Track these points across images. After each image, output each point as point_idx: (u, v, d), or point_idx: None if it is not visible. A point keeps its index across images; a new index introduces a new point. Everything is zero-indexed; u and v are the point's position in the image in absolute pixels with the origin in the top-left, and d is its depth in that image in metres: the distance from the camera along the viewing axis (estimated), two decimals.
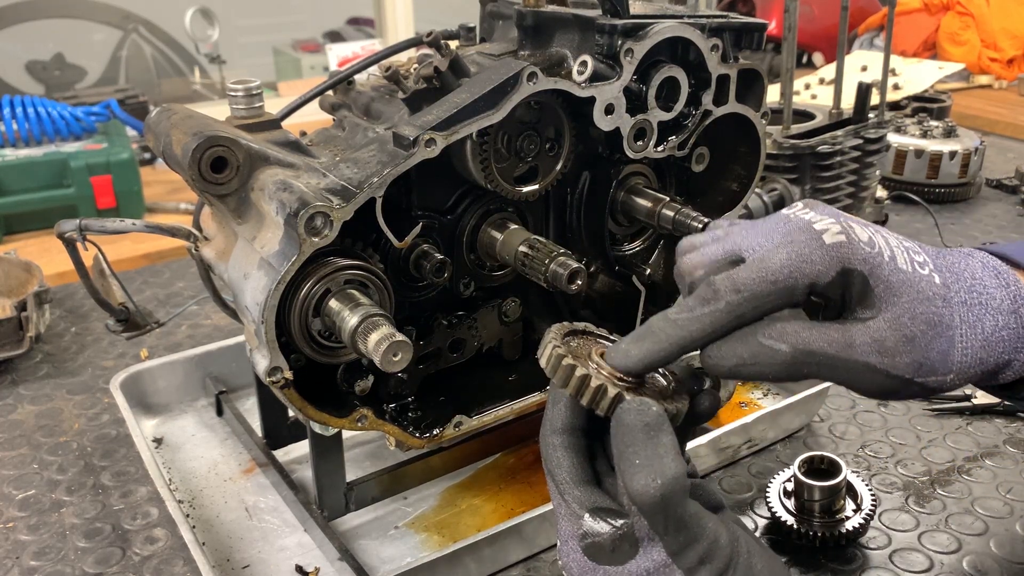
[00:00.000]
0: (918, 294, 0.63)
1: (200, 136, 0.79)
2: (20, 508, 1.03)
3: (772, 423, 1.08)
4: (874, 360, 0.62)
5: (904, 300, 0.62)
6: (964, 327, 0.64)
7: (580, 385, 0.62)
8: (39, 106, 1.90)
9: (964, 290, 0.65)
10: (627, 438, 0.59)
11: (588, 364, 0.64)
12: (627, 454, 0.59)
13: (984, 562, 0.90)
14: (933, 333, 0.63)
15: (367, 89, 1.01)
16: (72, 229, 0.91)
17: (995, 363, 0.66)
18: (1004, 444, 1.09)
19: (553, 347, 0.64)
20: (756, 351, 0.61)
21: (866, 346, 0.62)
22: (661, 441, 0.59)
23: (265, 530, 0.99)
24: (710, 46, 0.93)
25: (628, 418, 0.60)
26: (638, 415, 0.59)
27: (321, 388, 0.85)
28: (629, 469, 0.58)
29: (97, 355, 1.38)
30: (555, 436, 0.64)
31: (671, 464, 0.58)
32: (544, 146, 0.93)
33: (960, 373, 0.64)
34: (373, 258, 0.85)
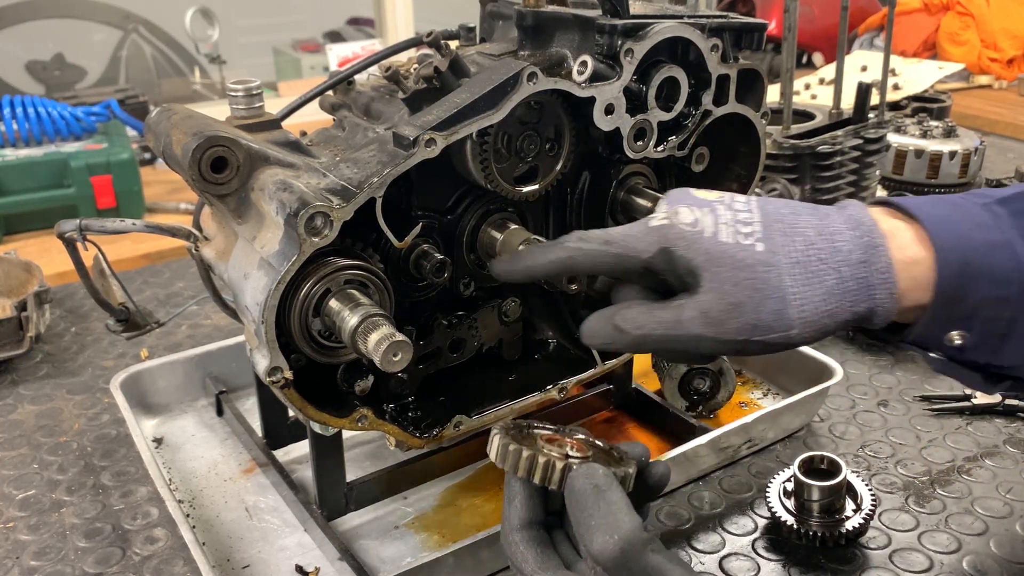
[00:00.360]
0: (738, 263, 0.68)
1: (200, 136, 0.79)
2: (20, 508, 1.03)
3: (772, 423, 1.08)
4: (703, 331, 0.68)
5: (724, 270, 0.68)
6: (797, 286, 0.67)
7: (530, 466, 0.67)
8: (39, 106, 1.90)
9: (797, 251, 0.68)
10: (580, 502, 0.64)
11: (535, 448, 0.68)
12: (583, 518, 0.63)
13: (984, 562, 0.90)
14: (760, 296, 0.67)
15: (367, 89, 1.01)
16: (72, 229, 0.91)
17: (851, 312, 0.68)
18: (1004, 444, 1.09)
19: (499, 439, 0.69)
20: (611, 333, 0.72)
21: (693, 320, 0.68)
22: (612, 499, 0.63)
23: (265, 530, 0.99)
24: (710, 46, 0.93)
25: (578, 483, 0.64)
26: (586, 478, 0.65)
27: (321, 388, 0.85)
28: (587, 532, 0.62)
29: (97, 355, 1.38)
30: (515, 534, 0.68)
31: (625, 519, 0.62)
32: (544, 146, 0.93)
33: (806, 326, 0.67)
34: (373, 258, 0.85)
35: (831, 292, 0.67)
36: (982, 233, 0.68)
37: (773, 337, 0.68)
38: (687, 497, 1.02)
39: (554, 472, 0.66)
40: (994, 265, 0.66)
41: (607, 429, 1.16)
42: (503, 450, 0.68)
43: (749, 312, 0.67)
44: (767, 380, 1.26)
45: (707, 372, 1.13)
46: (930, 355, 0.73)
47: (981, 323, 0.67)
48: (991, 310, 0.67)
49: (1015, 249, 0.67)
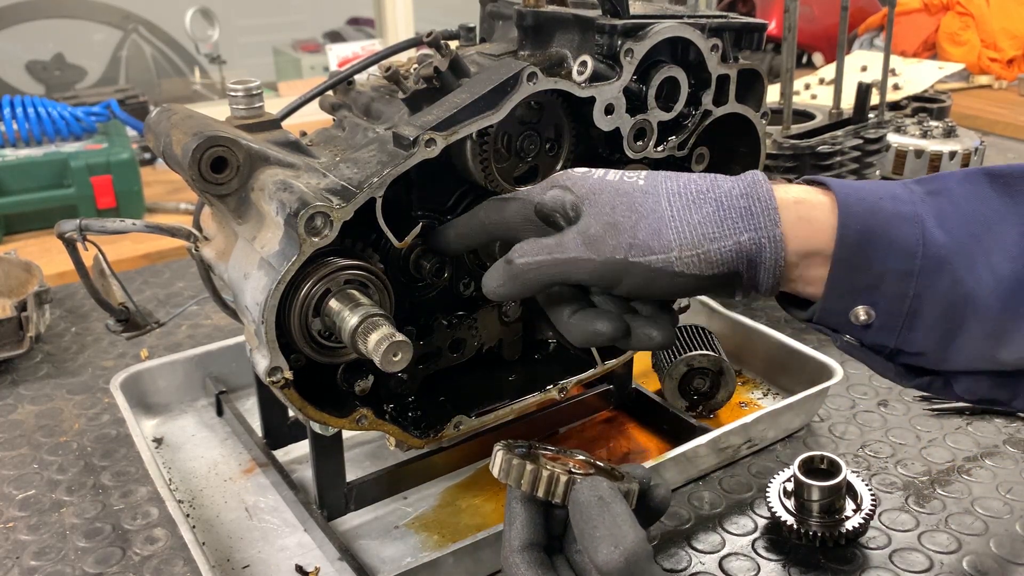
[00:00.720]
0: (617, 190, 0.70)
1: (200, 136, 0.79)
2: (20, 508, 1.03)
3: (772, 423, 1.08)
4: (582, 252, 0.69)
5: (604, 196, 0.70)
6: (674, 210, 0.68)
7: (534, 480, 0.67)
8: (39, 106, 1.90)
9: (677, 185, 0.70)
10: (584, 515, 0.63)
11: (539, 463, 0.69)
12: (587, 530, 0.63)
13: (984, 562, 0.90)
14: (636, 216, 0.68)
15: (367, 89, 1.01)
16: (72, 229, 0.91)
17: (734, 242, 0.66)
18: (1004, 444, 1.09)
19: (503, 454, 0.69)
20: (501, 269, 0.74)
21: (573, 242, 0.70)
22: (616, 511, 0.63)
23: (265, 530, 0.99)
24: (710, 46, 0.93)
25: (582, 496, 0.64)
26: (590, 490, 0.65)
27: (321, 388, 0.86)
28: (592, 544, 0.62)
29: (97, 355, 1.38)
30: (516, 555, 0.67)
31: (630, 531, 0.62)
32: (544, 146, 0.93)
33: (684, 248, 0.66)
34: (373, 258, 0.85)
35: (709, 217, 0.67)
36: (892, 204, 0.66)
37: (653, 259, 0.67)
38: (687, 497, 1.02)
39: (558, 485, 0.66)
40: (899, 235, 0.64)
41: (607, 429, 1.16)
42: (507, 464, 0.68)
43: (626, 231, 0.68)
44: (767, 380, 1.26)
45: (707, 372, 1.13)
46: (844, 338, 0.70)
47: (887, 300, 0.65)
48: (895, 284, 0.65)
49: (924, 224, 0.65)
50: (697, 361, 1.13)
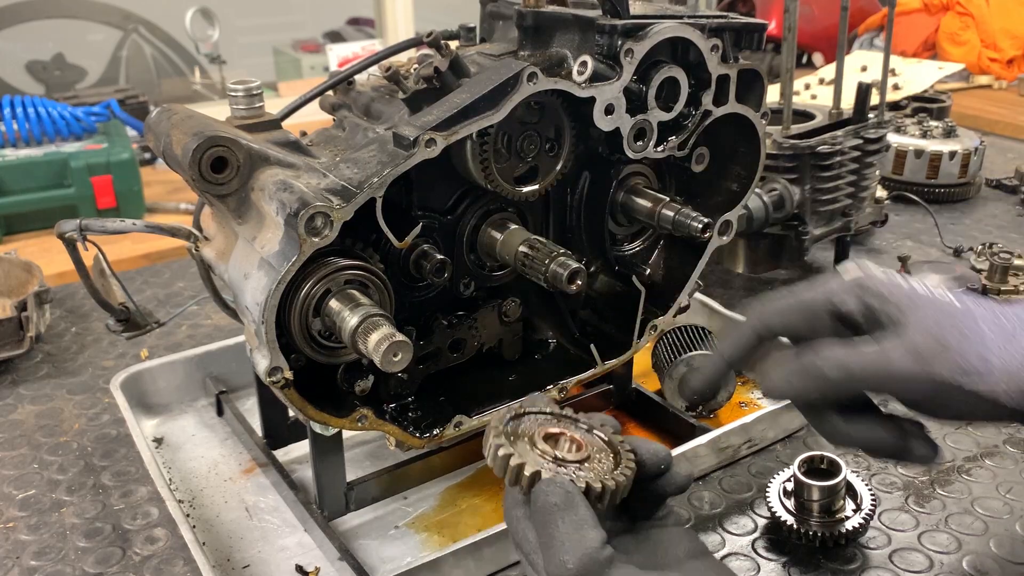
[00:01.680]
0: (941, 307, 0.67)
1: (200, 136, 0.79)
2: (20, 508, 1.03)
3: (772, 423, 1.08)
4: (913, 367, 0.65)
5: (927, 311, 0.66)
6: (996, 338, 0.65)
7: (504, 465, 0.65)
8: (39, 106, 1.90)
9: (990, 310, 0.67)
10: (540, 518, 0.61)
11: (525, 445, 0.67)
12: (543, 536, 0.60)
13: (984, 562, 0.90)
14: (964, 340, 0.64)
15: (367, 89, 1.01)
16: (72, 229, 0.91)
17: None
18: (1004, 444, 1.09)
19: (494, 437, 0.66)
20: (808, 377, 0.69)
21: (903, 357, 0.65)
22: (572, 517, 0.60)
23: (265, 530, 0.99)
24: (710, 46, 0.93)
25: (539, 500, 0.62)
26: (546, 494, 0.61)
27: (321, 388, 0.86)
28: (546, 552, 0.59)
29: (97, 355, 1.38)
30: (517, 509, 0.65)
31: (586, 537, 0.59)
32: (544, 146, 0.93)
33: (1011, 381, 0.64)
34: (373, 258, 0.85)
35: None
36: None
37: (981, 389, 0.64)
38: (687, 497, 1.02)
39: (523, 478, 0.64)
40: None
41: None
42: (493, 452, 0.66)
43: (955, 353, 0.64)
44: None
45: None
46: None
47: None
48: None
49: None
50: (697, 361, 1.13)
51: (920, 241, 1.72)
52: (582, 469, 0.66)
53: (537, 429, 0.69)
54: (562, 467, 0.65)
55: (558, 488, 0.62)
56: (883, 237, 1.74)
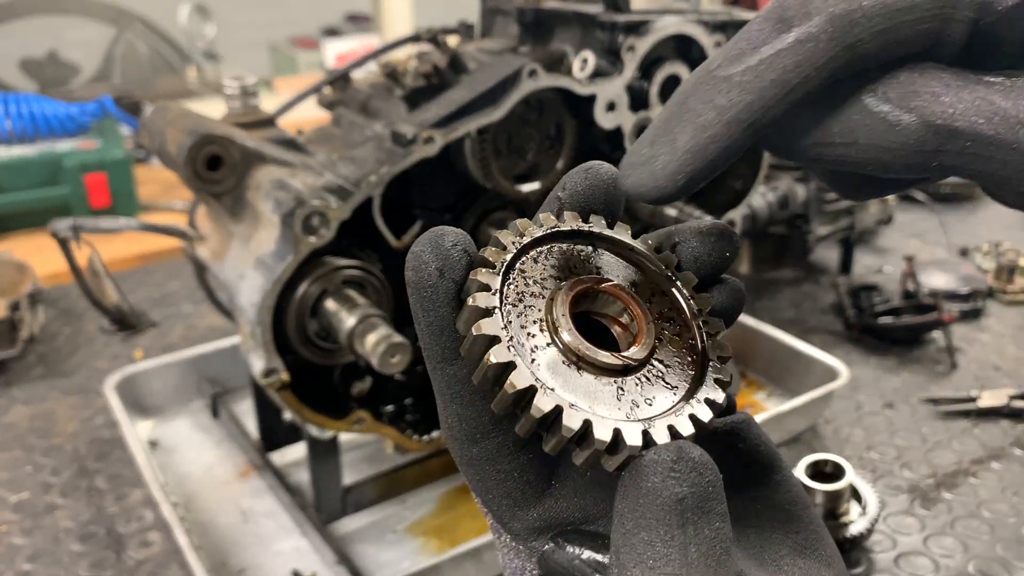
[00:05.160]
0: None
1: (195, 134, 0.78)
2: (14, 511, 1.02)
3: (776, 426, 1.07)
4: None
5: None
6: None
7: (518, 401, 0.33)
8: (33, 104, 1.89)
9: None
10: (645, 516, 0.33)
11: (548, 329, 0.35)
12: (635, 543, 0.33)
13: (990, 566, 0.89)
14: None
15: (364, 86, 1.00)
16: (66, 228, 0.90)
17: None
18: (1010, 446, 1.08)
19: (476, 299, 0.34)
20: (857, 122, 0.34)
21: None
22: (704, 534, 0.32)
23: (261, 534, 0.98)
24: (713, 42, 0.92)
25: (649, 482, 0.32)
26: (672, 479, 0.32)
27: (318, 390, 0.84)
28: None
29: (91, 356, 1.36)
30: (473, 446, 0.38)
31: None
32: (544, 144, 0.92)
33: None
34: (371, 258, 0.83)
35: None
36: None
37: None
38: None
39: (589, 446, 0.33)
40: None
41: None
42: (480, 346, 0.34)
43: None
44: (771, 382, 1.24)
45: None
46: None
47: None
48: None
49: None
50: None
51: (926, 240, 1.71)
52: (652, 383, 0.35)
53: (561, 287, 0.36)
54: (620, 384, 0.35)
55: (688, 472, 0.32)
56: (889, 236, 1.73)
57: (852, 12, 0.32)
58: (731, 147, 0.33)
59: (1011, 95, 0.34)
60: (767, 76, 0.32)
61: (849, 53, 0.33)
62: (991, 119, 0.33)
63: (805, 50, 0.32)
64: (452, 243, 0.35)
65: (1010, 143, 0.33)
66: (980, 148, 0.34)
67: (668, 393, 0.35)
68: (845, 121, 0.34)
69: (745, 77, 0.33)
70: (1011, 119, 0.33)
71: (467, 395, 0.37)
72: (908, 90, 0.34)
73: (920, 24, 0.33)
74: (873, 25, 0.32)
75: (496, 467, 0.38)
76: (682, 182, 0.34)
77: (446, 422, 0.38)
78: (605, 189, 0.39)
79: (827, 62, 0.32)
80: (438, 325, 0.36)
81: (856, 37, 0.32)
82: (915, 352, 1.28)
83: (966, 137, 0.33)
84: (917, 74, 0.34)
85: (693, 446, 0.33)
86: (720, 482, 0.33)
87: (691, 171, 0.33)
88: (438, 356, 0.36)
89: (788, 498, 0.40)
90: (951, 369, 1.23)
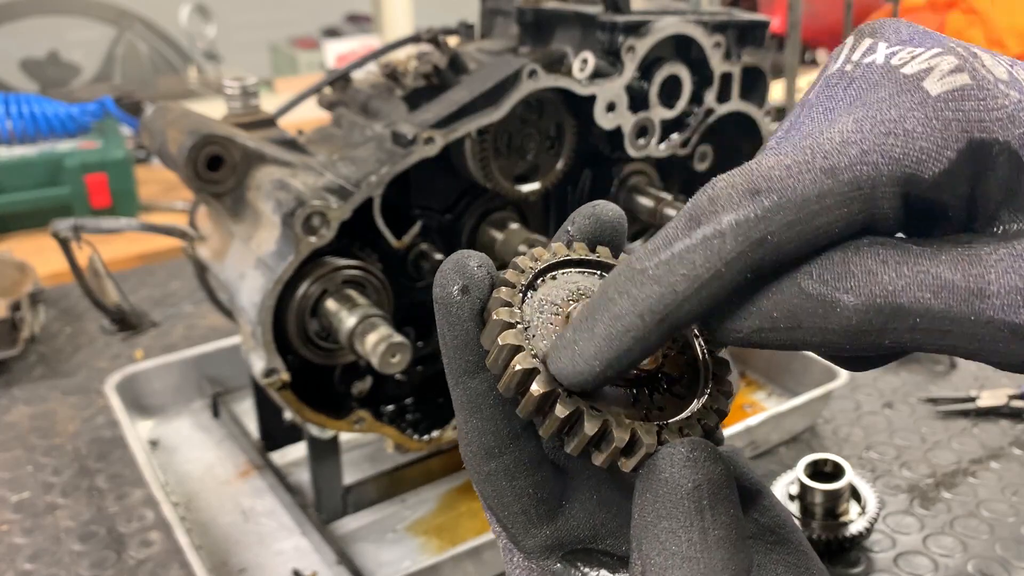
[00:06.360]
0: None
1: (196, 134, 0.78)
2: (15, 511, 1.02)
3: (776, 425, 1.07)
4: None
5: None
6: None
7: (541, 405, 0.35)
8: (34, 104, 1.89)
9: None
10: (664, 505, 0.34)
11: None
12: (657, 533, 0.34)
13: (990, 566, 0.89)
14: None
15: (365, 87, 1.00)
16: (67, 228, 0.90)
17: None
18: (1010, 446, 1.08)
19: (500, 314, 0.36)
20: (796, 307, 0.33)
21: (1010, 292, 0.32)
22: (721, 519, 0.34)
23: (262, 533, 0.98)
24: (713, 43, 0.92)
25: (666, 472, 0.34)
26: (688, 467, 0.34)
27: (318, 390, 0.84)
28: (654, 567, 0.34)
29: (92, 356, 1.36)
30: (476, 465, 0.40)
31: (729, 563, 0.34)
32: (544, 144, 0.92)
33: None
34: (371, 258, 0.84)
35: None
36: None
37: None
38: None
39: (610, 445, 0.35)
40: None
41: None
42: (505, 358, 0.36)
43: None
44: (771, 382, 1.25)
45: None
46: None
47: None
48: None
49: None
50: None
51: None
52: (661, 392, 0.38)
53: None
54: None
55: (704, 461, 0.34)
56: None
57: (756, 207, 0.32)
58: (645, 339, 0.33)
59: (959, 266, 0.32)
60: (677, 271, 0.32)
61: (760, 248, 0.32)
62: (938, 293, 0.32)
63: (712, 246, 0.32)
64: (477, 265, 0.37)
65: (966, 316, 0.32)
66: (933, 323, 0.32)
67: (676, 401, 0.38)
68: (785, 306, 0.33)
69: (658, 271, 0.33)
70: (961, 291, 0.32)
71: (486, 409, 0.38)
72: (843, 270, 0.32)
73: (837, 209, 0.32)
74: (781, 218, 0.32)
75: (512, 483, 0.39)
76: (598, 368, 0.34)
77: (465, 437, 0.39)
78: (612, 227, 0.41)
79: (736, 257, 0.32)
80: (463, 340, 0.38)
81: (763, 232, 0.32)
82: None
83: (914, 313, 0.32)
84: (851, 252, 0.33)
85: (705, 440, 0.35)
86: (731, 473, 0.35)
87: (607, 358, 0.34)
88: (461, 370, 0.38)
89: (777, 522, 0.41)
90: (950, 369, 1.23)
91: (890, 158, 0.32)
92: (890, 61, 0.34)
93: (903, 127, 0.32)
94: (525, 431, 0.38)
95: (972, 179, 0.33)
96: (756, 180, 0.32)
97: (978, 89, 0.32)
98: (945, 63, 0.33)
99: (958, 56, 0.33)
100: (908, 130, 0.32)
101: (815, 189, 0.32)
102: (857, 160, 0.32)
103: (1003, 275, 0.32)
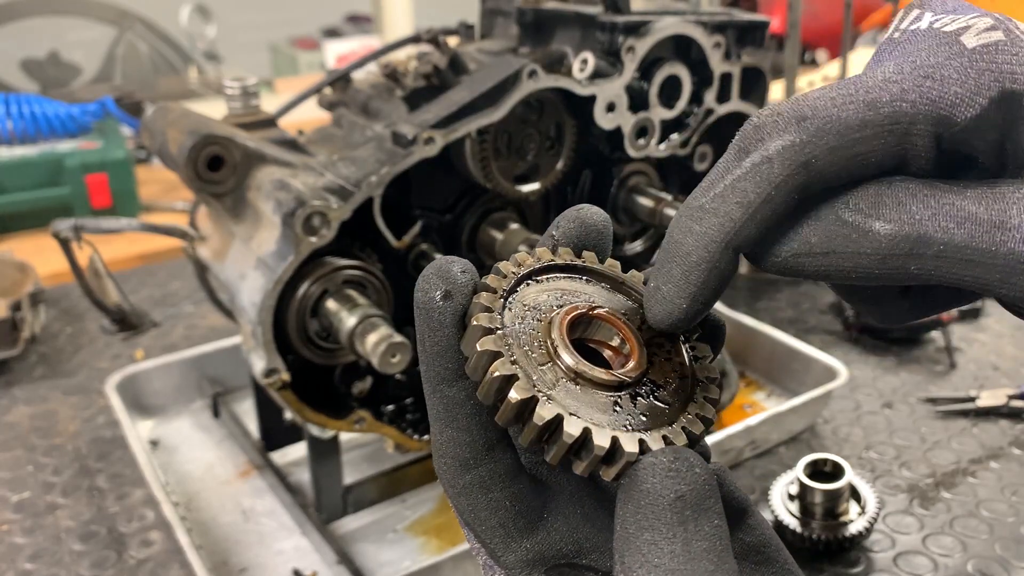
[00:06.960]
0: None
1: (196, 134, 0.78)
2: (15, 511, 1.02)
3: (776, 425, 1.07)
4: None
5: None
6: None
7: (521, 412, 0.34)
8: (34, 104, 1.89)
9: None
10: (646, 517, 0.33)
11: (547, 356, 0.36)
12: (639, 545, 0.33)
13: (989, 566, 0.89)
14: None
15: (365, 87, 1.00)
16: (67, 228, 0.90)
17: None
18: (1009, 446, 1.08)
19: (479, 320, 0.36)
20: (832, 233, 0.35)
21: None
22: (704, 530, 0.33)
23: (262, 533, 0.98)
24: (712, 43, 0.92)
25: (648, 483, 0.33)
26: (670, 478, 0.33)
27: (319, 390, 0.84)
28: None
29: (92, 356, 1.36)
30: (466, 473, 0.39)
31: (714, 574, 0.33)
32: (544, 144, 0.92)
33: None
34: (371, 258, 0.84)
35: None
36: None
37: None
38: None
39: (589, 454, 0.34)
40: None
41: None
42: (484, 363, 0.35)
43: None
44: (771, 381, 1.25)
45: None
46: None
47: None
48: None
49: None
50: None
51: None
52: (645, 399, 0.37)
53: (557, 313, 0.37)
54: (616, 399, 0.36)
55: (686, 472, 0.33)
56: None
57: (801, 132, 0.34)
58: (715, 268, 0.36)
59: (983, 201, 0.34)
60: (732, 199, 0.35)
61: (805, 171, 0.34)
62: (962, 224, 0.34)
63: (761, 171, 0.34)
64: (460, 270, 0.38)
65: (987, 246, 0.34)
66: (955, 252, 0.34)
67: (661, 408, 0.37)
68: (822, 232, 0.35)
69: (713, 204, 0.35)
70: (983, 223, 0.34)
71: (463, 419, 0.38)
72: (876, 200, 0.35)
73: (875, 140, 0.34)
74: (825, 143, 0.34)
75: (488, 495, 0.38)
76: (685, 305, 0.36)
77: (439, 448, 0.38)
78: (597, 231, 0.42)
79: (784, 180, 0.34)
80: (442, 345, 0.37)
81: (808, 156, 0.34)
82: (914, 352, 1.28)
83: (937, 241, 0.34)
84: (885, 186, 0.35)
85: (687, 449, 0.34)
86: (715, 482, 0.34)
87: (690, 293, 0.36)
88: (439, 377, 0.38)
89: (763, 540, 0.41)
90: (950, 369, 1.23)
91: (927, 99, 0.34)
92: (933, 25, 0.36)
93: (940, 73, 0.34)
94: (500, 443, 0.38)
95: (1002, 127, 0.35)
96: (802, 108, 0.34)
97: (1011, 44, 0.35)
98: (982, 23, 0.35)
99: (994, 18, 0.36)
100: (945, 76, 0.34)
101: (857, 118, 0.34)
102: (897, 97, 0.34)
103: (1021, 207, 0.34)
